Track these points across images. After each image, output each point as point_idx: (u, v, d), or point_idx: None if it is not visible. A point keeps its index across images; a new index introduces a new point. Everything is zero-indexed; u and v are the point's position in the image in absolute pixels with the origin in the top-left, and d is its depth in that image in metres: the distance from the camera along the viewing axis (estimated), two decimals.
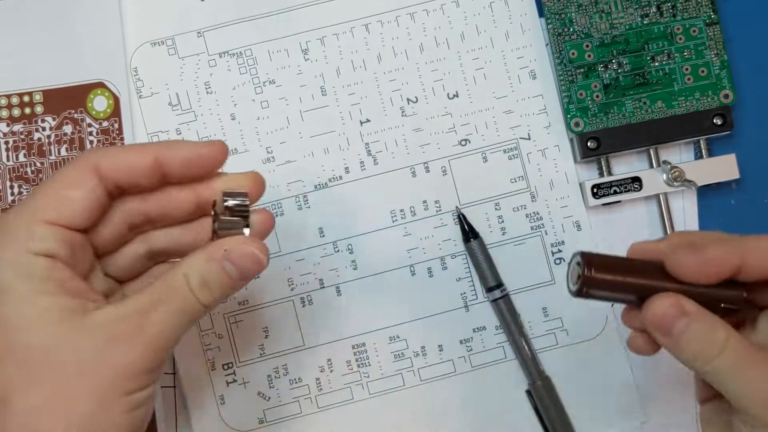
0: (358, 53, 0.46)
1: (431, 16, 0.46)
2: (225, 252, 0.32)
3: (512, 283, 0.45)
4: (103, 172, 0.32)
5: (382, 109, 0.45)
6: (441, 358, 0.45)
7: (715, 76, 0.45)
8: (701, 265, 0.31)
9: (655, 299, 0.32)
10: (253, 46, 0.45)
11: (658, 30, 0.45)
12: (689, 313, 0.31)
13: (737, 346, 0.31)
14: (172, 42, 0.45)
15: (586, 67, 0.45)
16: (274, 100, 0.45)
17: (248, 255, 0.32)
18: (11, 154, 0.44)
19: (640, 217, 0.46)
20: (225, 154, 0.34)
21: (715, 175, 0.45)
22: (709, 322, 0.31)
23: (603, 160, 0.45)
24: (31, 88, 0.45)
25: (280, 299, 0.45)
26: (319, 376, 0.45)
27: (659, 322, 0.32)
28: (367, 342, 0.45)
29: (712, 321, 0.31)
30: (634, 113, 0.44)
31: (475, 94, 0.45)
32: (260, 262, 0.33)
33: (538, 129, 0.45)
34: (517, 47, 0.46)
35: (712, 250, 0.31)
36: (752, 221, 0.46)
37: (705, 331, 0.31)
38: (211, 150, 0.33)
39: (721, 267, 0.31)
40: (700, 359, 0.31)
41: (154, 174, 0.33)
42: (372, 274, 0.45)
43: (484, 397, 0.45)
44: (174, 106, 0.45)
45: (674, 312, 0.31)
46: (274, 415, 0.44)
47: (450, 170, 0.45)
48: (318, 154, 0.45)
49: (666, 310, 0.31)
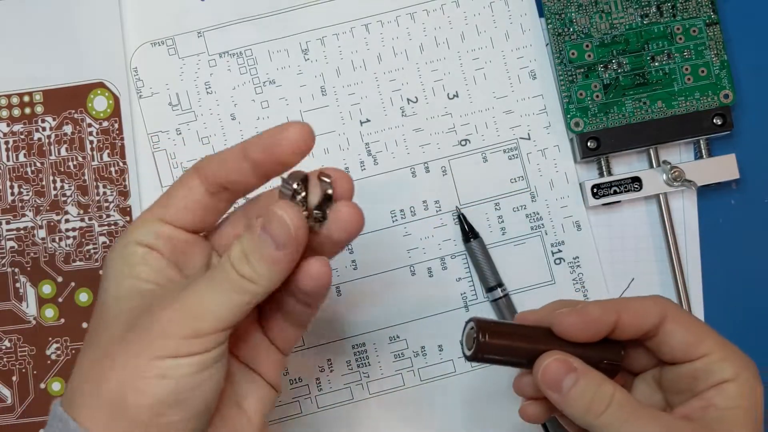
0: (358, 53, 0.46)
1: (431, 16, 0.46)
2: (259, 219, 0.31)
3: (512, 283, 0.45)
4: (202, 172, 0.33)
5: (382, 109, 0.45)
6: (441, 358, 0.45)
7: (715, 76, 0.45)
8: (583, 323, 0.35)
9: (544, 358, 0.34)
10: (253, 46, 0.45)
11: (658, 30, 0.45)
12: (576, 369, 0.34)
13: (623, 401, 0.34)
14: (172, 42, 0.45)
15: (586, 67, 0.45)
16: (274, 100, 0.45)
17: (277, 219, 0.31)
18: (11, 154, 0.44)
19: (640, 217, 0.46)
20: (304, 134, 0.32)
21: (715, 175, 0.45)
22: (596, 377, 0.34)
23: (603, 160, 0.45)
24: (31, 88, 0.45)
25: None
26: (319, 376, 0.45)
27: (549, 380, 0.34)
28: (367, 342, 0.45)
29: (599, 377, 0.34)
30: (634, 113, 0.44)
31: (475, 94, 0.45)
32: (287, 227, 0.31)
33: (538, 129, 0.45)
34: (517, 47, 0.46)
35: (591, 310, 0.35)
36: (752, 221, 0.46)
37: (593, 386, 0.34)
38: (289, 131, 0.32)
39: (600, 325, 0.35)
40: (589, 414, 0.34)
41: (248, 169, 0.32)
42: (372, 274, 0.45)
43: (484, 397, 0.44)
44: (174, 106, 0.45)
45: (563, 368, 0.34)
46: (273, 415, 0.44)
47: (450, 170, 0.45)
48: (318, 154, 0.45)
49: (555, 367, 0.34)
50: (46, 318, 0.44)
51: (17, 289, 0.44)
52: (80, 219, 0.44)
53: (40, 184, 0.44)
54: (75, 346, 0.44)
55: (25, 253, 0.44)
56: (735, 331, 0.45)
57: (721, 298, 0.45)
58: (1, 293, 0.44)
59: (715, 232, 0.46)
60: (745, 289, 0.46)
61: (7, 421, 0.43)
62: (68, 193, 0.44)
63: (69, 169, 0.44)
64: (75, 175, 0.44)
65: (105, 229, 0.44)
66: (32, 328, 0.44)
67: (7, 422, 0.43)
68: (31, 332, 0.44)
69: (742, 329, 0.45)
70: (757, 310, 0.45)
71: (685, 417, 0.35)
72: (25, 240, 0.44)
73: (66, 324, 0.44)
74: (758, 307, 0.45)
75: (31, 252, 0.44)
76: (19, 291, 0.44)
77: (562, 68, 0.45)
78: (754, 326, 0.45)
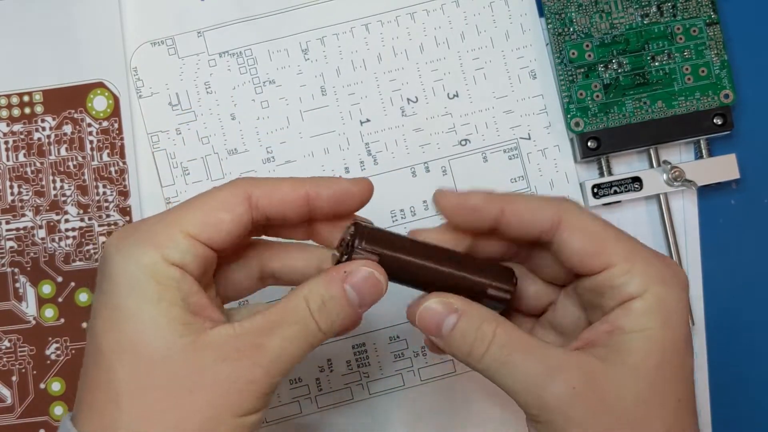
0: (358, 53, 0.46)
1: (431, 16, 0.46)
2: (345, 274, 0.31)
3: None
4: (254, 201, 0.31)
5: (382, 109, 0.45)
6: (441, 358, 0.45)
7: (715, 76, 0.45)
8: (459, 206, 0.32)
9: (421, 300, 0.32)
10: (253, 46, 0.45)
11: (658, 30, 0.45)
12: (457, 310, 0.31)
13: (504, 341, 0.30)
14: (172, 42, 0.45)
15: (586, 67, 0.45)
16: (274, 100, 0.45)
17: (368, 277, 0.31)
18: (11, 154, 0.44)
19: (640, 218, 0.46)
20: (371, 192, 0.32)
21: (715, 175, 0.45)
22: (476, 317, 0.31)
23: (603, 160, 0.45)
24: (31, 88, 0.45)
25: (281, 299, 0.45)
26: (319, 376, 0.45)
27: (428, 324, 0.31)
28: (367, 342, 0.45)
29: (480, 316, 0.31)
30: (634, 113, 0.44)
31: (475, 94, 0.45)
32: (380, 286, 0.31)
33: (538, 129, 0.45)
34: (517, 47, 0.46)
35: (473, 197, 0.32)
36: (752, 221, 0.46)
37: (473, 327, 0.31)
38: (360, 188, 0.32)
39: (478, 214, 0.31)
40: (471, 357, 0.31)
41: (302, 209, 0.32)
42: None
43: (484, 397, 0.44)
44: (174, 106, 0.45)
45: (441, 310, 0.31)
46: (274, 415, 0.44)
47: (450, 170, 0.45)
48: (318, 154, 0.45)
49: (433, 309, 0.31)
50: (45, 318, 0.44)
51: (17, 289, 0.44)
52: (80, 219, 0.44)
53: (40, 184, 0.44)
54: (75, 346, 0.44)
55: (24, 253, 0.44)
56: (735, 331, 0.45)
57: (721, 298, 0.45)
58: (1, 293, 0.44)
59: (715, 232, 0.46)
60: (746, 289, 0.46)
61: (7, 421, 0.43)
62: (68, 193, 0.44)
63: (69, 169, 0.44)
64: (75, 175, 0.44)
65: (105, 229, 0.44)
66: (32, 328, 0.44)
67: (7, 422, 0.43)
68: (31, 332, 0.44)
69: (742, 329, 0.45)
70: (758, 310, 0.45)
71: (588, 344, 0.31)
72: (25, 240, 0.44)
73: (66, 324, 0.44)
74: (758, 307, 0.45)
75: (30, 252, 0.44)
76: (19, 291, 0.44)
77: (562, 68, 0.45)
78: (754, 326, 0.45)
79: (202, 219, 0.31)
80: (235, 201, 0.31)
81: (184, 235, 0.30)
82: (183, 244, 0.30)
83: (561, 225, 0.31)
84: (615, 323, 0.30)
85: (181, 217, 0.31)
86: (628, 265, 0.30)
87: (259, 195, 0.31)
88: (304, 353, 0.31)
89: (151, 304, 0.29)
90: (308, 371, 0.44)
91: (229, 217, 0.31)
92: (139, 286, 0.30)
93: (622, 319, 0.30)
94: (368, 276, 0.31)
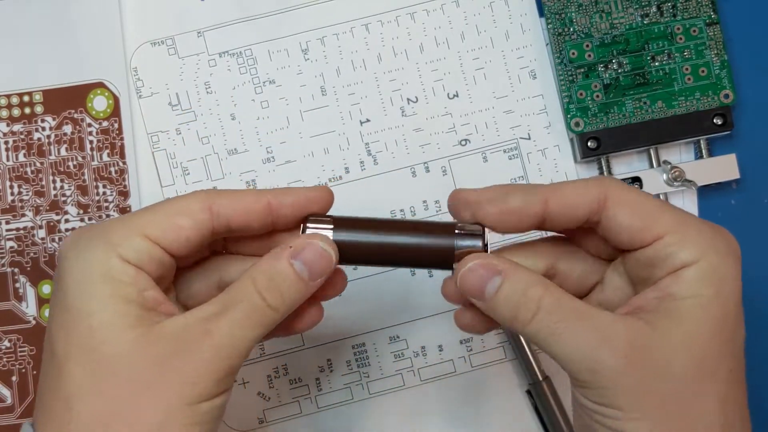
0: (358, 53, 0.46)
1: (431, 16, 0.46)
2: (290, 249, 0.31)
3: None
4: (216, 210, 0.31)
5: (382, 109, 0.45)
6: (441, 358, 0.45)
7: (715, 76, 0.45)
8: (502, 214, 0.30)
9: (465, 260, 0.30)
10: (253, 46, 0.45)
11: (658, 30, 0.45)
12: (501, 271, 0.30)
13: (552, 306, 0.29)
14: (172, 42, 0.45)
15: (586, 67, 0.45)
16: (274, 100, 0.45)
17: (315, 248, 0.31)
18: (11, 154, 0.44)
19: None
20: (331, 197, 0.33)
21: (715, 175, 0.45)
22: (522, 280, 0.29)
23: (603, 160, 0.45)
24: (31, 88, 0.45)
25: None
26: (319, 376, 0.45)
27: (471, 286, 0.30)
28: (367, 342, 0.45)
29: (526, 279, 0.29)
30: (634, 113, 0.44)
31: (475, 94, 0.45)
32: (327, 256, 0.31)
33: (538, 129, 0.45)
34: (517, 47, 0.46)
35: (512, 199, 0.30)
36: (752, 221, 0.46)
37: (518, 291, 0.29)
38: (320, 193, 0.32)
39: (523, 216, 0.30)
40: (517, 322, 0.29)
41: (266, 218, 0.32)
42: (372, 274, 0.45)
43: (484, 397, 0.44)
44: (174, 106, 0.45)
45: (484, 272, 0.30)
46: (273, 415, 0.44)
47: (450, 170, 0.45)
48: (318, 154, 0.45)
49: (476, 270, 0.30)
50: (45, 318, 0.44)
51: (17, 289, 0.44)
52: (80, 219, 0.44)
53: (40, 184, 0.44)
54: None
55: (24, 253, 0.44)
56: None
57: None
58: (1, 293, 0.44)
59: None
60: (745, 288, 0.45)
61: (7, 421, 0.43)
62: (68, 193, 0.44)
63: (69, 169, 0.44)
64: (75, 175, 0.44)
65: None
66: (32, 328, 0.44)
67: (7, 422, 0.43)
68: (31, 332, 0.44)
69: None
70: (758, 310, 0.45)
71: (637, 310, 0.29)
72: (25, 240, 0.44)
73: None
74: (758, 307, 0.45)
75: (30, 252, 0.44)
76: (19, 291, 0.44)
77: (562, 68, 0.45)
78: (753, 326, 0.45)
79: (162, 223, 0.31)
80: (196, 208, 0.31)
81: (141, 237, 0.30)
82: (139, 244, 0.30)
83: (607, 203, 0.30)
84: (666, 290, 0.29)
85: (141, 219, 0.31)
86: (679, 235, 0.29)
87: (221, 204, 0.31)
88: (258, 334, 0.31)
89: (102, 303, 0.29)
90: (308, 371, 0.45)
91: (190, 223, 0.31)
92: (90, 284, 0.30)
93: (674, 286, 0.29)
94: (314, 247, 0.31)
